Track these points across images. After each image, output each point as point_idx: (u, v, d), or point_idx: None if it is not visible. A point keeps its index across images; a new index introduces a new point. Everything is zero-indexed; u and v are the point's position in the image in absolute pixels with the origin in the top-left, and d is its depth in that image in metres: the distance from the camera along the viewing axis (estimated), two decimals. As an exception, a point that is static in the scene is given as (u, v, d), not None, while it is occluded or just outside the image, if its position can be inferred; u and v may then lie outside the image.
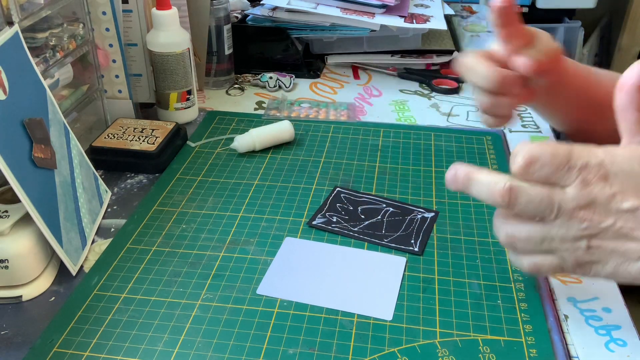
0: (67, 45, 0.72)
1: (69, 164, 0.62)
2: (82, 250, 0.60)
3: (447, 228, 0.64)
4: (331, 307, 0.54)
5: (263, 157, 0.78)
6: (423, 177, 0.73)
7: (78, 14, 0.75)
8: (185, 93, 0.84)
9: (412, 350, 0.50)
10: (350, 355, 0.49)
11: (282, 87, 0.98)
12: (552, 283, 0.57)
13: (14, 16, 0.61)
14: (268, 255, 0.60)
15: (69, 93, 0.75)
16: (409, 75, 1.03)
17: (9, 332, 0.52)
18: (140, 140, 0.76)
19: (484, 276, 0.57)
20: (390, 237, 0.63)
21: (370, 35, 1.02)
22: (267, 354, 0.49)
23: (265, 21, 1.03)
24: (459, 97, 0.97)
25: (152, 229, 0.64)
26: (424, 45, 1.06)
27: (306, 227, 0.64)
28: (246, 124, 0.86)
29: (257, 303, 0.54)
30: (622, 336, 0.51)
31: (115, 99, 0.84)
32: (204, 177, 0.73)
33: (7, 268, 0.54)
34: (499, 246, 0.61)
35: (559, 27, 1.96)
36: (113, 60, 0.81)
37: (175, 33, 0.81)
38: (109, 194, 0.70)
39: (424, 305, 0.54)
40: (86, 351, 0.49)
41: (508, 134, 0.84)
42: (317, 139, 0.82)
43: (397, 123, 0.87)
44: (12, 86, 0.55)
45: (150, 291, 0.56)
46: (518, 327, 0.52)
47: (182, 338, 0.51)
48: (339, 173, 0.74)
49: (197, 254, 0.60)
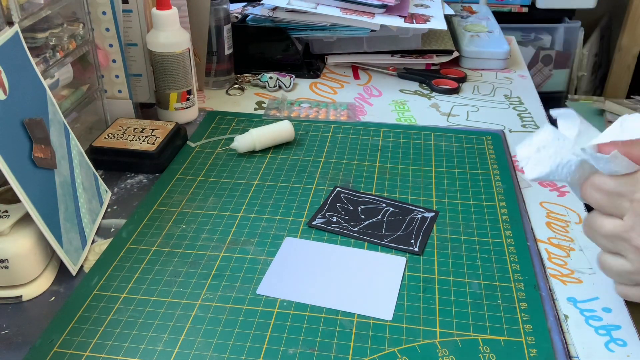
0: (67, 45, 0.72)
1: (69, 164, 0.62)
2: (82, 250, 0.60)
3: (447, 228, 0.64)
4: (331, 307, 0.54)
5: (263, 157, 0.78)
6: (423, 177, 0.73)
7: (78, 14, 0.75)
8: (185, 93, 0.84)
9: (412, 350, 0.50)
10: (350, 355, 0.49)
11: (282, 87, 0.98)
12: (552, 283, 0.57)
13: (14, 16, 0.61)
14: (268, 255, 0.60)
15: (69, 93, 0.75)
16: (409, 75, 1.03)
17: (9, 332, 0.52)
18: (140, 140, 0.76)
19: (484, 276, 0.57)
20: (390, 237, 0.63)
21: (370, 35, 1.02)
22: (267, 354, 0.49)
23: (265, 21, 1.03)
24: (459, 97, 0.97)
25: (152, 229, 0.64)
26: (424, 45, 1.06)
27: (306, 227, 0.64)
28: (246, 124, 0.86)
29: (257, 303, 0.54)
30: (622, 336, 0.51)
31: (115, 99, 0.84)
32: (204, 177, 0.73)
33: (7, 268, 0.54)
34: (499, 246, 0.61)
35: (559, 27, 1.96)
36: (113, 60, 0.81)
37: (175, 33, 0.81)
38: (109, 194, 0.70)
39: (424, 305, 0.54)
40: (86, 351, 0.49)
41: (508, 134, 0.84)
42: (317, 139, 0.82)
43: (397, 123, 0.87)
44: (12, 86, 0.55)
45: (150, 291, 0.56)
46: (518, 327, 0.52)
47: (182, 338, 0.51)
48: (339, 173, 0.74)
49: (197, 254, 0.60)
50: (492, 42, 1.09)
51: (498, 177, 0.73)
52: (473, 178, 0.73)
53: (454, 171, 0.74)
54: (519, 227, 0.64)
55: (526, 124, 0.88)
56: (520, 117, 0.90)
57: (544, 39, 1.98)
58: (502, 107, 0.93)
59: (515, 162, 0.78)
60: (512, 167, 0.76)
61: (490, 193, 0.70)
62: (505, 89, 1.00)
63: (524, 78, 1.05)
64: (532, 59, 1.96)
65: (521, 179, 0.74)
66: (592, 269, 0.59)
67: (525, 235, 0.63)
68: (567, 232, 0.64)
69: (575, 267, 0.59)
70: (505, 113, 0.91)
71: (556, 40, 1.98)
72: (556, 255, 0.61)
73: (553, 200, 0.70)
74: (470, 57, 1.07)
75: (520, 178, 0.74)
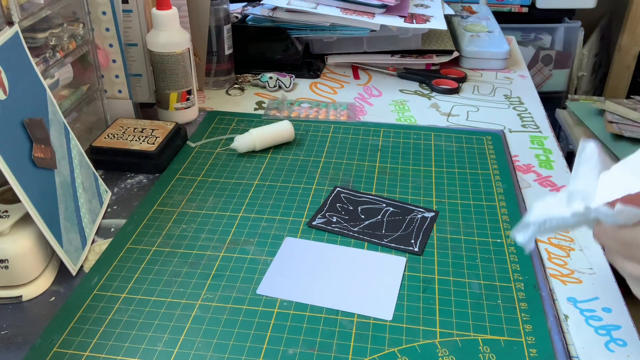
0: (67, 45, 0.72)
1: (69, 164, 0.62)
2: (82, 250, 0.60)
3: (447, 228, 0.64)
4: (331, 307, 0.54)
5: (263, 157, 0.78)
6: (423, 177, 0.73)
7: (78, 14, 0.75)
8: (185, 93, 0.84)
9: (412, 350, 0.50)
10: (350, 355, 0.49)
11: (282, 87, 0.98)
12: (552, 283, 0.57)
13: (14, 16, 0.61)
14: (268, 255, 0.60)
15: (69, 93, 0.75)
16: (409, 75, 1.03)
17: (9, 332, 0.52)
18: (140, 140, 0.76)
19: (484, 276, 0.57)
20: (390, 237, 0.63)
21: (370, 35, 1.02)
22: (267, 354, 0.49)
23: (265, 21, 1.03)
24: (459, 97, 0.97)
25: (152, 229, 0.64)
26: (424, 45, 1.06)
27: (306, 227, 0.64)
28: (246, 124, 0.86)
29: (257, 303, 0.54)
30: (622, 336, 0.51)
31: (115, 99, 0.84)
32: (204, 177, 0.73)
33: (7, 268, 0.54)
34: (499, 246, 0.61)
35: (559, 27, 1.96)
36: (113, 60, 0.81)
37: (175, 33, 0.81)
38: (109, 194, 0.70)
39: (424, 305, 0.54)
40: (86, 351, 0.49)
41: (508, 134, 0.84)
42: (317, 139, 0.82)
43: (397, 123, 0.87)
44: (12, 86, 0.55)
45: (150, 291, 0.56)
46: (518, 327, 0.52)
47: (182, 338, 0.51)
48: (339, 173, 0.74)
49: (197, 254, 0.60)
50: (492, 42, 1.09)
51: (498, 177, 0.73)
52: (473, 178, 0.73)
53: (454, 171, 0.74)
54: (519, 227, 0.64)
55: (526, 124, 0.88)
56: (520, 117, 0.90)
57: (544, 39, 1.98)
58: (502, 107, 0.93)
59: (516, 162, 0.78)
60: (512, 167, 0.76)
61: (490, 193, 0.70)
62: (505, 89, 1.00)
63: (524, 78, 1.05)
64: (532, 59, 1.96)
65: (521, 179, 0.74)
66: (592, 269, 0.59)
67: (525, 235, 0.63)
68: (567, 232, 0.64)
69: (575, 267, 0.59)
70: (505, 113, 0.91)
71: (556, 40, 1.98)
72: (556, 255, 0.61)
73: (553, 200, 0.70)
74: (470, 57, 1.07)
75: (520, 178, 0.74)
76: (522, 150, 0.81)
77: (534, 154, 0.80)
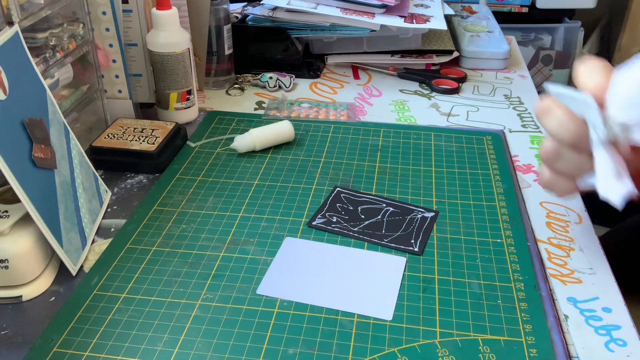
0: (67, 45, 0.72)
1: (69, 164, 0.62)
2: (82, 250, 0.60)
3: (447, 228, 0.64)
4: (331, 307, 0.54)
5: (263, 157, 0.78)
6: (423, 177, 0.73)
7: (78, 14, 0.75)
8: (185, 93, 0.84)
9: (412, 350, 0.50)
10: (350, 355, 0.49)
11: (282, 87, 0.98)
12: (552, 283, 0.57)
13: (14, 16, 0.61)
14: (268, 255, 0.60)
15: (69, 93, 0.75)
16: (409, 75, 1.03)
17: (9, 332, 0.52)
18: (140, 140, 0.76)
19: (484, 276, 0.57)
20: (390, 237, 0.63)
21: (370, 35, 1.02)
22: (267, 354, 0.49)
23: (265, 21, 1.03)
24: (459, 97, 0.97)
25: (152, 229, 0.64)
26: (424, 45, 1.06)
27: (306, 227, 0.64)
28: (246, 124, 0.86)
29: (257, 303, 0.54)
30: (622, 336, 0.51)
31: (115, 99, 0.84)
32: (204, 177, 0.73)
33: (7, 268, 0.54)
34: (499, 246, 0.61)
35: (559, 27, 1.96)
36: (113, 60, 0.81)
37: (175, 33, 0.81)
38: (109, 194, 0.70)
39: (424, 305, 0.54)
40: (86, 351, 0.49)
41: (508, 134, 0.84)
42: (317, 139, 0.82)
43: (397, 123, 0.87)
44: (12, 86, 0.55)
45: (150, 291, 0.56)
46: (518, 327, 0.52)
47: (182, 338, 0.51)
48: (339, 173, 0.74)
49: (197, 254, 0.60)
50: (492, 42, 1.09)
51: (498, 177, 0.73)
52: (473, 178, 0.73)
53: (454, 171, 0.74)
54: (519, 227, 0.64)
55: (526, 124, 0.88)
56: (520, 117, 0.90)
57: (544, 39, 1.98)
58: (502, 107, 0.93)
59: (516, 162, 0.78)
60: (512, 167, 0.76)
61: (490, 193, 0.70)
62: (505, 89, 1.00)
63: (524, 78, 1.05)
64: (532, 59, 1.96)
65: (521, 179, 0.74)
66: (592, 269, 0.59)
67: (525, 235, 0.63)
68: (567, 232, 0.64)
69: (575, 267, 0.59)
70: (505, 113, 0.91)
71: (556, 40, 1.98)
72: (556, 255, 0.61)
73: (553, 200, 0.70)
74: (470, 57, 1.07)
75: (520, 178, 0.74)
76: (522, 150, 0.81)
77: (534, 154, 0.80)
